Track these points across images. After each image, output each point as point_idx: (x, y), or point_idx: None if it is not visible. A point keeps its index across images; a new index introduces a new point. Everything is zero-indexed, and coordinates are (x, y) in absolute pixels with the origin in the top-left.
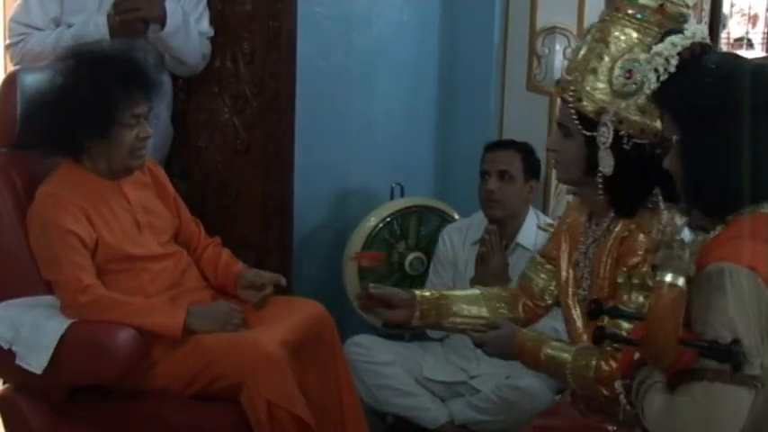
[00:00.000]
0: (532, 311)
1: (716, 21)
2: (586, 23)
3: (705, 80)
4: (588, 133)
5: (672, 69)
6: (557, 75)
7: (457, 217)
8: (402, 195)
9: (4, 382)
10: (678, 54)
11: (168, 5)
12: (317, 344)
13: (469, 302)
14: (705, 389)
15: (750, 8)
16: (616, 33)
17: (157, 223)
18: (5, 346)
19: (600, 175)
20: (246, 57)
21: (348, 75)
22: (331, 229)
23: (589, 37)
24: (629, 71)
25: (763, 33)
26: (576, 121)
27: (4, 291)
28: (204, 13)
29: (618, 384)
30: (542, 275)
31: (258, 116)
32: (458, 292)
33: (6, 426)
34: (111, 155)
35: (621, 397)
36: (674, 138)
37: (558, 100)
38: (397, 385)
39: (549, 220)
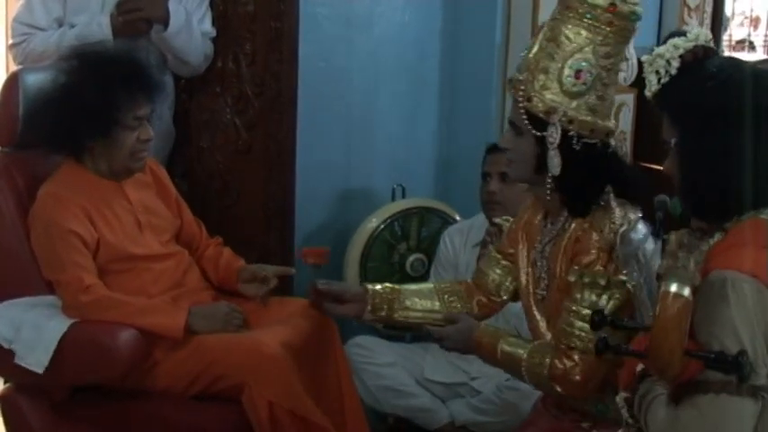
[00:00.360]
0: (487, 307)
1: (717, 23)
2: None
3: (706, 83)
4: (538, 133)
5: (673, 72)
6: None
7: (458, 218)
8: (403, 196)
9: (5, 382)
10: (680, 56)
11: (171, 6)
12: (318, 345)
13: (422, 296)
14: (711, 401)
15: (752, 10)
16: (567, 33)
17: (159, 223)
18: (6, 346)
19: (549, 175)
20: (248, 57)
21: (349, 75)
22: (332, 229)
23: (541, 36)
24: (579, 71)
25: (765, 36)
26: (526, 121)
27: (6, 290)
28: (207, 13)
29: (619, 398)
30: (498, 271)
31: (260, 117)
32: (410, 287)
33: (7, 425)
34: (112, 156)
35: (624, 411)
36: (673, 141)
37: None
38: (397, 386)
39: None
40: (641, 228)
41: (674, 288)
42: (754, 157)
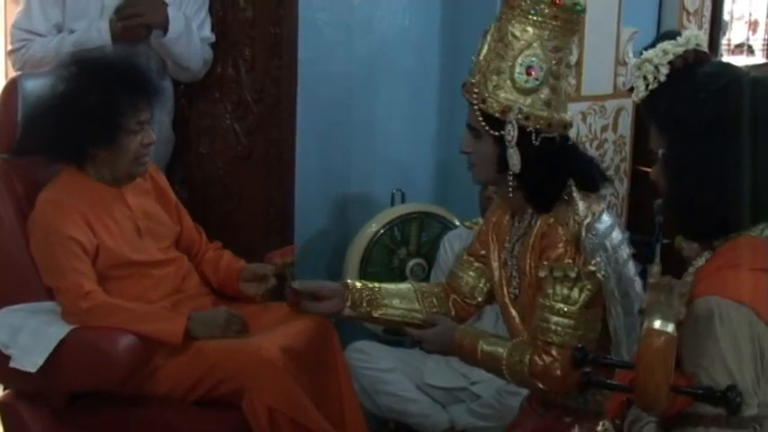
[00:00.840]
0: (464, 309)
1: (716, 27)
2: (587, 31)
3: (697, 94)
4: (496, 133)
5: (662, 78)
6: None
7: (458, 223)
8: (403, 201)
9: (4, 388)
10: (669, 62)
11: (171, 11)
12: (318, 350)
13: (401, 297)
14: None
15: (750, 14)
16: (513, 31)
17: (158, 229)
18: (3, 351)
19: (510, 173)
20: (248, 63)
21: (349, 81)
22: (332, 235)
23: (489, 37)
24: (530, 67)
25: (764, 40)
26: (483, 122)
27: (5, 297)
28: (206, 18)
29: (607, 424)
30: (471, 273)
31: (259, 122)
32: (390, 286)
33: (7, 431)
34: (116, 162)
35: None
36: (660, 151)
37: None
38: (397, 391)
39: None
40: (606, 218)
41: (657, 324)
42: (744, 173)
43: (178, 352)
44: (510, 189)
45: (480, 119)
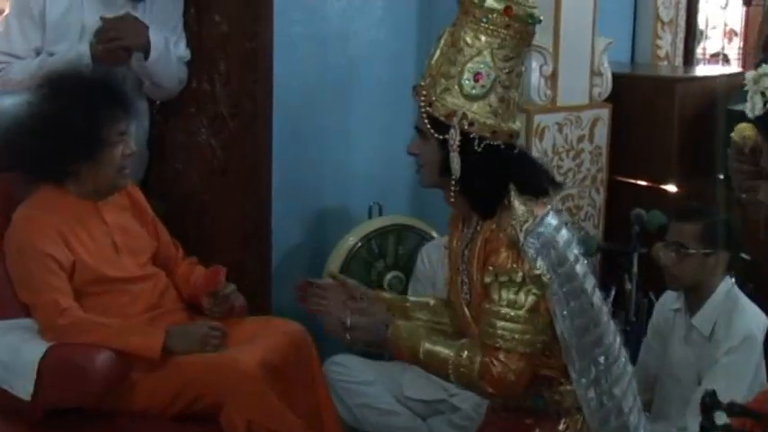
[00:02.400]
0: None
1: (691, 36)
2: (562, 41)
3: None
4: (441, 137)
5: None
6: (533, 92)
7: (435, 235)
8: (381, 214)
9: None
10: None
11: (151, 33)
12: (296, 363)
13: (427, 309)
14: None
15: (726, 24)
16: (466, 37)
17: (135, 245)
18: None
19: (453, 177)
20: (223, 77)
21: (325, 94)
22: (309, 248)
23: (442, 42)
24: (477, 74)
25: (740, 48)
26: (428, 125)
27: None
28: (181, 36)
29: (568, 422)
30: None
31: (235, 136)
32: (416, 299)
33: None
34: (99, 175)
35: None
36: None
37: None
38: (377, 404)
39: None
40: (551, 220)
41: None
42: None
43: (156, 367)
44: (452, 194)
45: (426, 122)
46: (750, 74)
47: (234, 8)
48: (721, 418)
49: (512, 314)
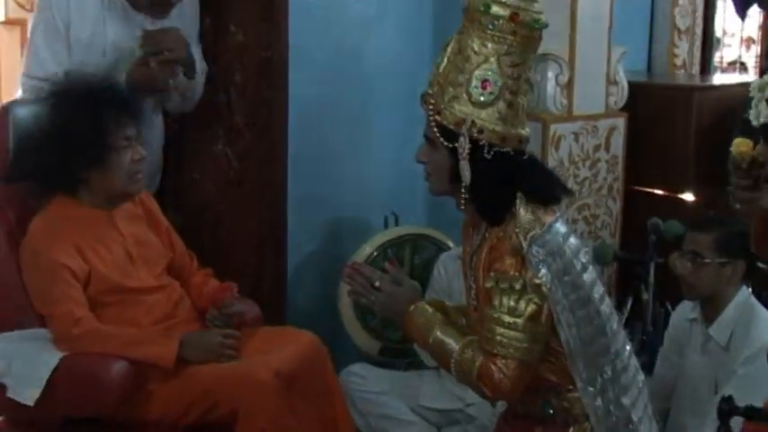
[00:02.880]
0: None
1: (708, 45)
2: (578, 50)
3: None
4: (450, 144)
5: None
6: (550, 101)
7: (451, 245)
8: (397, 224)
9: None
10: None
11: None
12: (312, 374)
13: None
14: None
15: (743, 31)
16: (472, 45)
17: (150, 255)
18: None
19: (463, 185)
20: (239, 88)
21: (341, 104)
22: (325, 258)
23: (449, 49)
24: (485, 81)
25: (757, 56)
26: (438, 134)
27: None
28: (198, 48)
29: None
30: None
31: (251, 147)
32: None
33: None
34: (110, 182)
35: None
36: None
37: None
38: (393, 414)
39: None
40: (559, 228)
41: None
42: None
43: (171, 376)
44: (462, 201)
45: (435, 130)
46: (755, 81)
47: (250, 19)
48: (738, 423)
49: (511, 321)
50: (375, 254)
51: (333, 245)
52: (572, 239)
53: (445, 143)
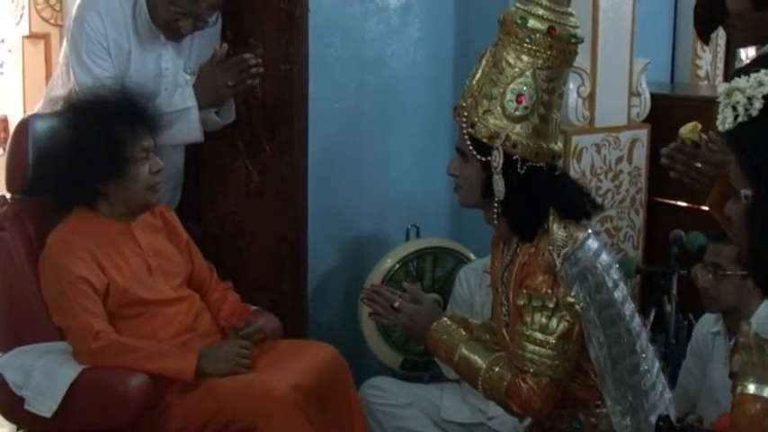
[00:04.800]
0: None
1: (731, 55)
2: (600, 62)
3: None
4: (483, 158)
5: (754, 112)
6: (571, 113)
7: (473, 258)
8: (418, 236)
9: (18, 428)
10: (764, 97)
11: None
12: (331, 388)
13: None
14: None
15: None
16: (508, 58)
17: (169, 267)
18: (17, 392)
19: (495, 199)
20: (259, 100)
21: (361, 116)
22: (346, 271)
23: (483, 62)
24: (520, 95)
25: None
26: (470, 147)
27: (17, 337)
28: None
29: None
30: None
31: (271, 159)
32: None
33: None
34: (129, 193)
35: None
36: (743, 193)
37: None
38: (414, 427)
39: None
40: (591, 244)
41: (752, 389)
42: None
43: (189, 390)
44: (495, 215)
45: (468, 143)
46: (723, 86)
47: (269, 31)
48: None
49: (542, 339)
50: (396, 266)
51: (354, 257)
52: (604, 255)
53: (478, 156)
